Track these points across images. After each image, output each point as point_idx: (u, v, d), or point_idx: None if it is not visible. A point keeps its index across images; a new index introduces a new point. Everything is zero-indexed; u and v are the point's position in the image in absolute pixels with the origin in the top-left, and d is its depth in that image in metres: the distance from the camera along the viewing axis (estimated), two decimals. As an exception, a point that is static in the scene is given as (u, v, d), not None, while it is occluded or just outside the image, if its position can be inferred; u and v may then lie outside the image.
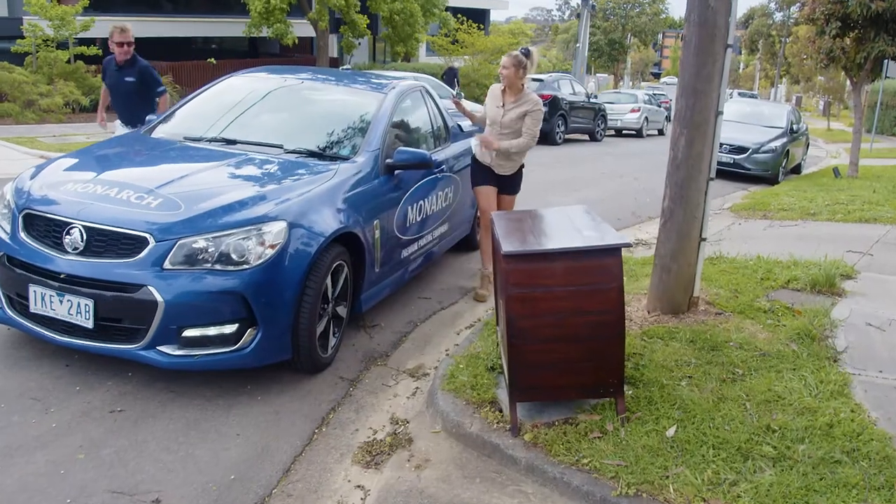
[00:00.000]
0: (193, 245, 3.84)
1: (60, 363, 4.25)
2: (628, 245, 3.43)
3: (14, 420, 3.66)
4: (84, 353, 4.21)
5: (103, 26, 20.32)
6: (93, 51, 17.74)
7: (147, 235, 3.84)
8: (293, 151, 4.95)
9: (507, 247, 3.42)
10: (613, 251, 3.35)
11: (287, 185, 4.39)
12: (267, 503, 3.20)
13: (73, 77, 17.23)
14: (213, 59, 22.65)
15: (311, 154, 4.96)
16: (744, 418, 3.54)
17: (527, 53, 5.73)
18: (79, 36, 17.83)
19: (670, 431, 3.41)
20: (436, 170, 5.86)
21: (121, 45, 6.92)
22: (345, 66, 7.95)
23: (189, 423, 3.76)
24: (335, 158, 4.93)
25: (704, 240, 5.00)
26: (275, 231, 3.98)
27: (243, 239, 3.90)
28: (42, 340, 4.19)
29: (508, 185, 6.00)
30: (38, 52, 16.99)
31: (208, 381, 4.17)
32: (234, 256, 3.87)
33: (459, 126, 6.83)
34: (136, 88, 7.05)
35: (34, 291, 3.97)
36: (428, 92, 6.43)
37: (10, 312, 4.17)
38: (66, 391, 3.97)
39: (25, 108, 15.71)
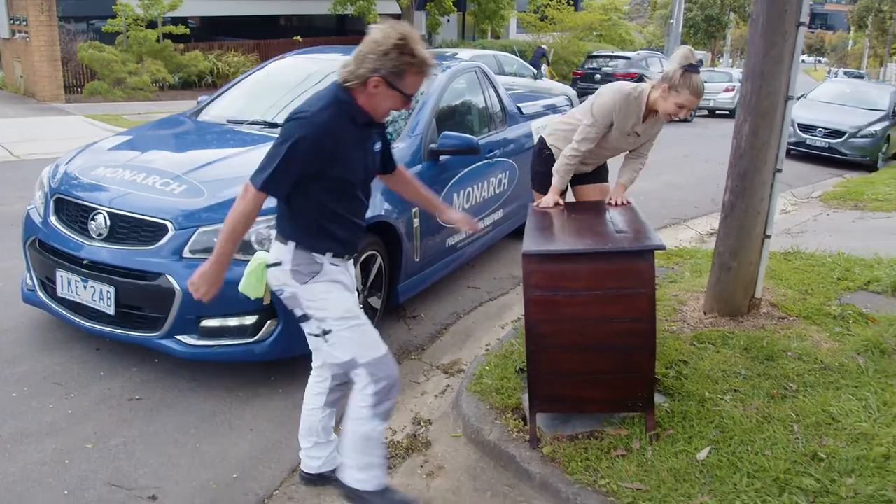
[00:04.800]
0: (214, 233, 3.72)
1: (91, 347, 4.25)
2: (661, 247, 3.11)
3: (32, 405, 3.65)
4: (114, 339, 4.19)
5: (191, 5, 20.75)
6: (181, 30, 18.08)
7: (168, 223, 3.75)
8: (332, 135, 4.79)
9: (528, 245, 3.17)
10: (643, 254, 3.05)
11: (318, 171, 4.23)
12: (265, 506, 3.08)
13: (160, 56, 17.59)
14: (298, 37, 22.78)
15: (351, 138, 4.79)
16: (788, 443, 3.19)
17: (700, 66, 3.83)
18: (169, 15, 18.20)
19: (702, 454, 3.10)
20: (488, 154, 5.61)
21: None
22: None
23: (204, 415, 3.68)
24: (375, 143, 4.75)
25: (769, 237, 4.59)
26: (298, 220, 3.82)
27: (266, 227, 3.77)
28: (72, 326, 4.18)
29: (591, 176, 4.45)
30: (128, 31, 17.40)
31: (233, 371, 4.08)
32: (255, 245, 3.74)
33: (519, 109, 6.55)
34: None
35: (61, 276, 3.96)
36: (484, 73, 6.17)
37: (41, 296, 4.19)
38: (89, 376, 3.95)
39: (114, 87, 16.15)
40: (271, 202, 3.77)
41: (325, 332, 2.71)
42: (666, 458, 3.09)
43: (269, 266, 2.77)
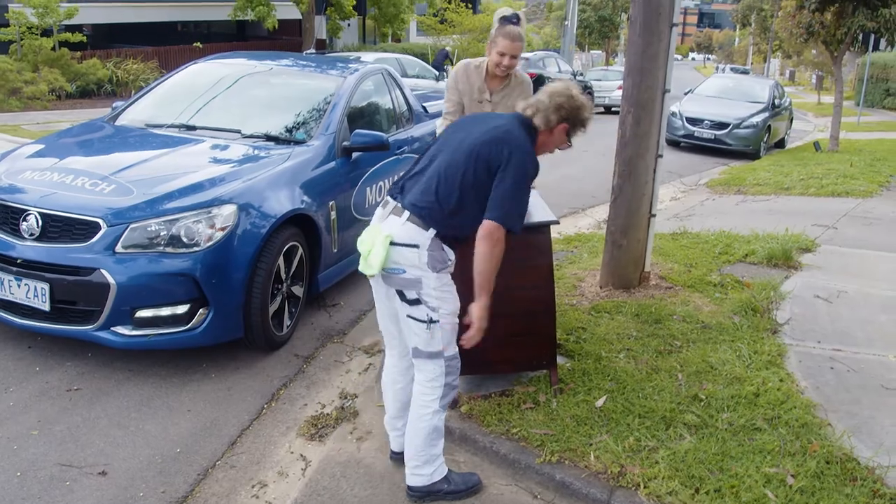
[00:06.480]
0: (144, 229, 3.96)
1: (23, 345, 4.38)
2: (555, 222, 3.55)
3: (-28, 400, 3.79)
4: (46, 336, 4.34)
5: (88, 13, 20.35)
6: (77, 37, 17.76)
7: (99, 220, 3.95)
8: (250, 136, 5.06)
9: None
10: (541, 228, 3.47)
11: (240, 169, 4.50)
12: (210, 474, 3.34)
13: (57, 64, 17.25)
14: (199, 44, 22.62)
15: (268, 138, 5.06)
16: (674, 388, 3.68)
17: (517, 20, 4.11)
18: (64, 23, 17.85)
19: (600, 402, 3.54)
20: (397, 151, 5.96)
21: None
22: (309, 51, 8.07)
23: (142, 400, 3.90)
24: (291, 142, 5.04)
25: (654, 215, 5.11)
26: (224, 214, 4.09)
27: (194, 222, 4.02)
28: (4, 324, 4.30)
29: None
30: (22, 39, 17.00)
31: (165, 359, 4.30)
32: (184, 239, 3.98)
33: (424, 108, 6.92)
34: None
35: (-7, 276, 4.09)
36: (391, 75, 6.52)
37: (-29, 297, 4.29)
38: (26, 372, 4.10)
39: (10, 96, 15.75)
40: (198, 199, 4.06)
41: (433, 322, 2.82)
42: (569, 407, 3.52)
43: (394, 244, 2.79)
